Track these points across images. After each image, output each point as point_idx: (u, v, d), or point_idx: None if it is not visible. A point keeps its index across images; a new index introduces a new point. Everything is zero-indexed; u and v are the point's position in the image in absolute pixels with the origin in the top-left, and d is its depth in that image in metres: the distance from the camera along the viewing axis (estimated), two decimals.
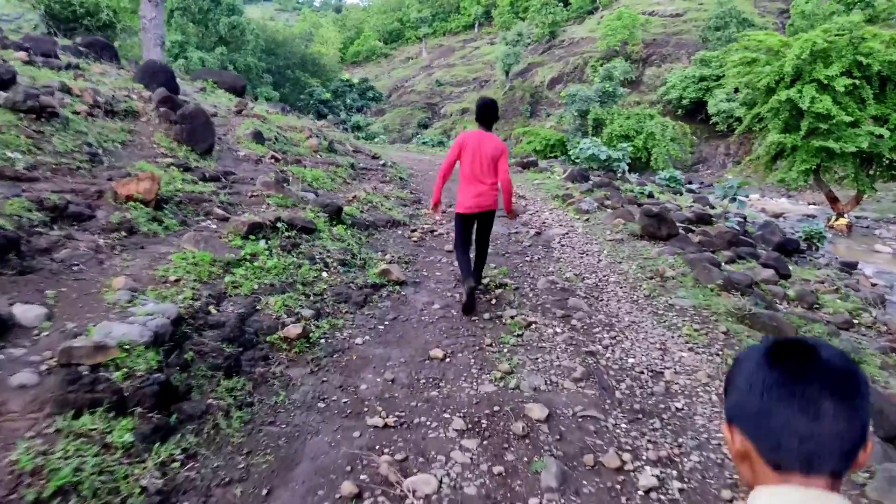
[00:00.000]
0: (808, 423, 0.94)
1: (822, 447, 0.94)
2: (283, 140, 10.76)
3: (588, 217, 9.82)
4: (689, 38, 49.03)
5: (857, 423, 0.95)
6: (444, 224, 9.11)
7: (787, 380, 0.98)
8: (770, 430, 0.97)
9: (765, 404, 0.98)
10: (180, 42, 34.71)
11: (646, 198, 12.74)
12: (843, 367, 0.98)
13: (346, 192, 9.35)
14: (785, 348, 1.02)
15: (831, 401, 0.95)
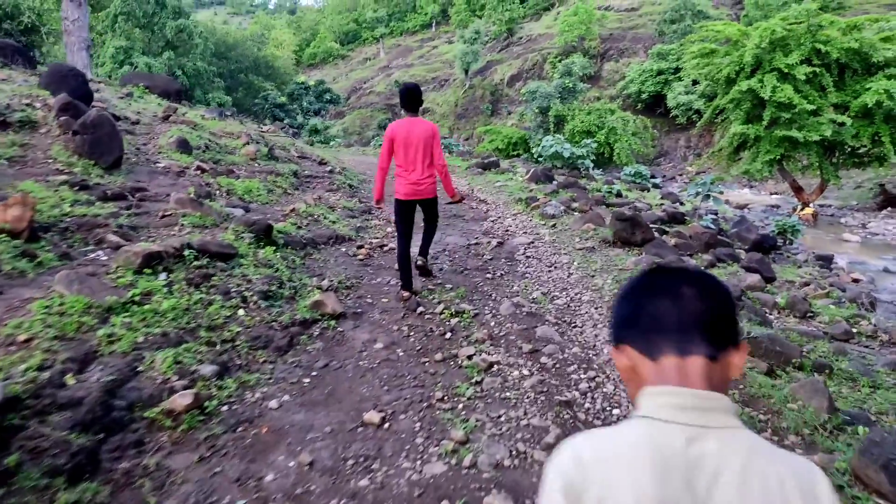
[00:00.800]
0: (672, 304, 1.01)
1: (688, 322, 0.99)
2: (215, 148, 9.60)
3: (555, 222, 8.88)
4: (645, 31, 48.78)
5: (718, 305, 1.01)
6: (395, 237, 8.08)
7: (653, 280, 1.07)
8: (642, 323, 1.03)
9: (635, 304, 1.05)
10: (125, 48, 33.02)
11: (614, 197, 11.88)
12: (702, 270, 1.08)
13: (285, 204, 8.25)
14: (655, 266, 1.10)
15: (691, 286, 1.02)
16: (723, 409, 0.95)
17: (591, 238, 8.01)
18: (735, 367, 1.01)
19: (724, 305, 1.02)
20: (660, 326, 1.00)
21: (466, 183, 13.06)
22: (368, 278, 6.27)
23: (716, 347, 0.98)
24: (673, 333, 0.99)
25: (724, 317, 1.01)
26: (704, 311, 0.99)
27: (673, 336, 0.99)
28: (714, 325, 0.99)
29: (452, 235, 8.24)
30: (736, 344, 1.01)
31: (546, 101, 34.52)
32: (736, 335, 1.02)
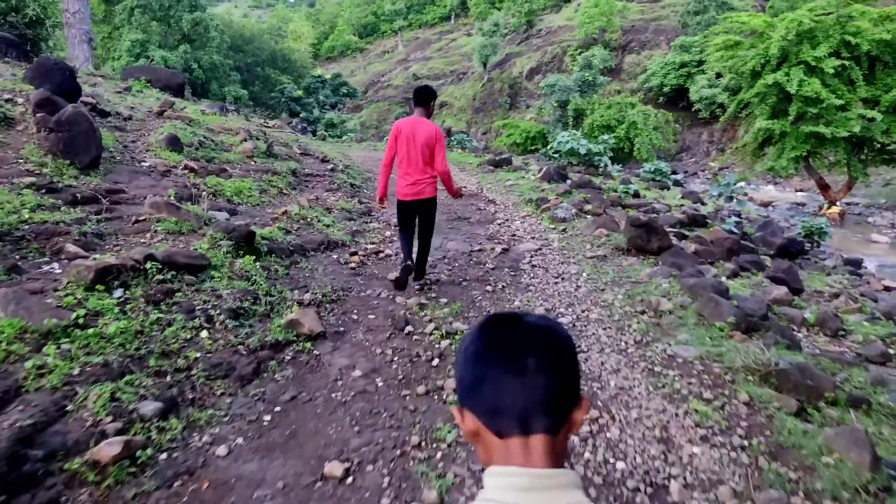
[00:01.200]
0: (515, 380, 0.94)
1: (532, 402, 0.94)
2: (210, 145, 9.14)
3: (565, 227, 8.30)
4: (667, 23, 47.76)
5: (561, 376, 0.96)
6: (393, 242, 7.56)
7: (495, 344, 0.98)
8: (485, 395, 0.96)
9: (479, 372, 0.97)
10: (141, 41, 32.77)
11: (631, 197, 11.25)
12: (545, 326, 1.00)
13: (278, 206, 7.77)
14: (495, 320, 1.02)
15: (534, 356, 0.95)
16: (566, 486, 0.93)
17: (604, 245, 7.42)
18: (576, 424, 1.00)
19: (569, 373, 0.99)
20: (504, 404, 0.95)
21: (476, 181, 12.50)
22: (357, 290, 5.76)
23: (559, 419, 0.96)
24: (517, 412, 0.95)
25: (568, 386, 0.98)
26: (549, 388, 0.95)
27: (517, 415, 0.95)
28: (558, 399, 0.96)
29: (455, 240, 7.70)
30: (577, 403, 0.99)
31: (565, 94, 33.81)
32: (577, 396, 0.99)
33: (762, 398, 3.87)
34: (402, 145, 5.40)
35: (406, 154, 5.40)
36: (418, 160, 5.40)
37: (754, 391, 3.94)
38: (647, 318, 5.18)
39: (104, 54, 34.87)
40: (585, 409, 1.00)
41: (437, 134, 5.44)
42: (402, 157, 5.43)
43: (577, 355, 1.01)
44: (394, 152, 5.49)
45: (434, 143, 5.40)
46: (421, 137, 5.35)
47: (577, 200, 9.48)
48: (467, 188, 11.57)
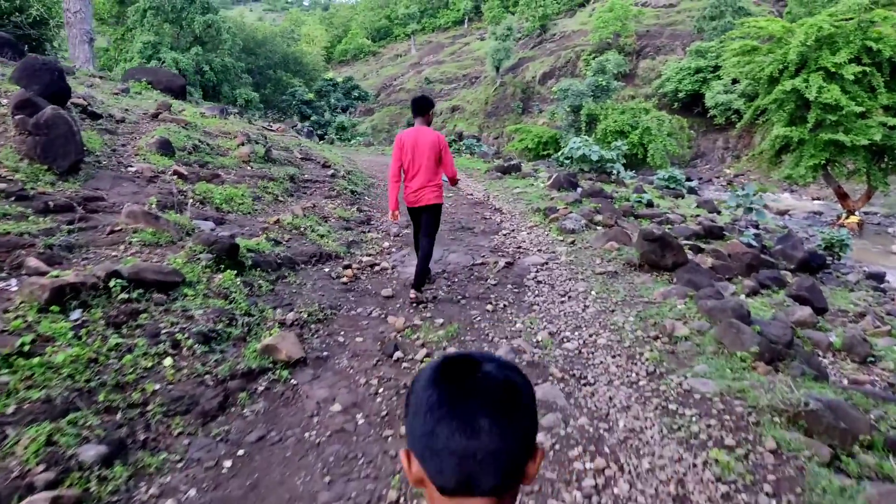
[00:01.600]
0: (466, 442, 0.87)
1: (480, 465, 0.88)
2: (204, 149, 8.77)
3: (574, 239, 7.83)
4: (683, 28, 47.16)
5: (517, 438, 0.90)
6: (391, 254, 7.15)
7: (448, 398, 0.90)
8: (434, 451, 0.90)
9: (429, 425, 0.90)
10: (153, 43, 32.65)
11: (644, 207, 10.76)
12: (503, 380, 0.93)
13: (271, 214, 7.37)
14: (450, 366, 0.94)
15: (487, 417, 0.88)
16: None
17: (615, 260, 6.95)
18: (529, 477, 0.95)
19: (525, 430, 0.92)
20: (451, 463, 0.88)
21: (483, 188, 12.05)
22: (347, 308, 5.33)
23: (508, 480, 0.90)
24: (464, 472, 0.88)
25: (523, 444, 0.91)
26: (501, 450, 0.88)
27: (464, 474, 0.88)
28: (510, 460, 0.90)
29: (457, 252, 7.27)
30: (532, 456, 0.94)
31: (578, 99, 33.30)
32: (532, 450, 0.94)
33: (791, 445, 3.40)
34: (406, 155, 5.50)
35: (412, 163, 5.51)
36: (424, 168, 5.50)
37: (782, 437, 3.47)
38: (660, 345, 4.71)
39: (116, 56, 34.78)
40: (540, 460, 0.97)
41: (441, 141, 5.58)
42: (409, 166, 5.53)
43: (534, 406, 0.96)
44: (400, 164, 5.56)
45: (440, 149, 5.54)
46: (425, 146, 5.47)
47: (588, 210, 9.00)
48: (472, 195, 11.15)
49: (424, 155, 5.46)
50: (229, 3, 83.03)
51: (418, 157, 5.47)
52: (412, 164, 5.50)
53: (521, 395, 0.93)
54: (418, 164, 5.48)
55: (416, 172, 5.51)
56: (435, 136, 5.54)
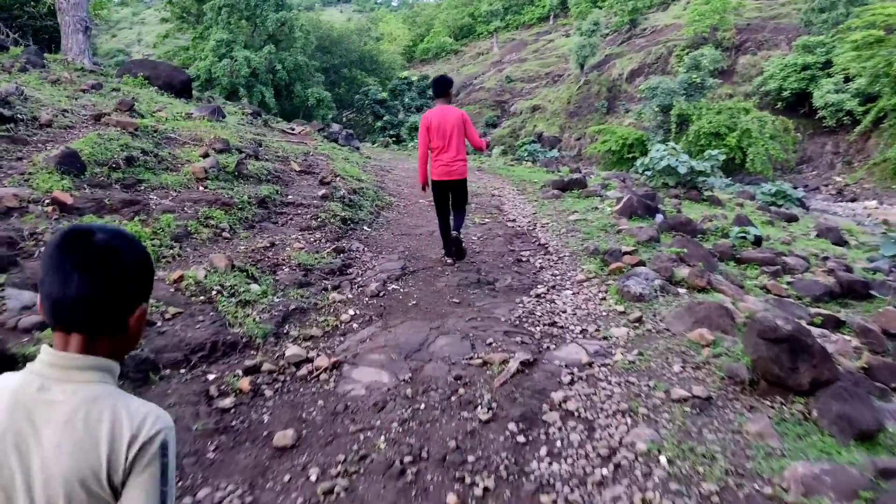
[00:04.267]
0: (59, 290, 1.10)
1: (69, 310, 1.11)
2: (144, 164, 6.45)
3: (641, 313, 4.88)
4: (788, 21, 42.12)
5: (106, 293, 1.12)
6: (348, 335, 4.52)
7: (56, 257, 1.11)
8: (42, 296, 1.14)
9: (42, 273, 1.13)
10: (227, 41, 31.50)
11: (750, 247, 7.59)
12: (103, 245, 1.13)
13: (182, 264, 4.91)
14: (67, 234, 1.13)
15: (78, 272, 1.10)
16: (85, 368, 1.13)
17: (706, 368, 3.99)
18: (132, 329, 1.20)
19: (117, 291, 1.14)
20: (48, 306, 1.12)
21: (532, 211, 9.18)
22: (193, 478, 2.75)
23: (99, 326, 1.14)
24: (59, 315, 1.12)
25: (114, 302, 1.14)
26: (88, 302, 1.11)
27: (60, 315, 1.12)
28: (98, 312, 1.13)
29: (451, 335, 4.51)
30: (132, 311, 1.18)
31: (668, 98, 29.55)
32: (132, 305, 1.18)
33: None
34: (433, 134, 5.84)
35: (438, 141, 5.84)
36: (450, 144, 5.84)
37: None
38: None
39: (194, 54, 33.90)
40: (139, 317, 1.20)
41: (464, 116, 5.95)
42: (435, 143, 5.87)
43: (137, 271, 1.18)
44: (427, 142, 5.93)
45: (463, 125, 5.90)
46: (450, 123, 5.81)
47: (667, 258, 6.01)
48: (514, 222, 8.37)
49: (452, 131, 5.81)
50: (321, 7, 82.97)
51: (446, 133, 5.81)
52: (441, 140, 5.82)
53: (119, 259, 1.14)
54: (447, 140, 5.82)
55: (446, 147, 5.85)
56: (459, 113, 5.92)
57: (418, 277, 5.84)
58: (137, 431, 1.11)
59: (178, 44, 36.59)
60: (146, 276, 1.22)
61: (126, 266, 1.15)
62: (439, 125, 5.80)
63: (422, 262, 6.34)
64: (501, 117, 46.49)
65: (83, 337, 1.13)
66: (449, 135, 5.80)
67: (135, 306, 1.18)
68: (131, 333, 1.21)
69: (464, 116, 5.93)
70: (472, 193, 10.69)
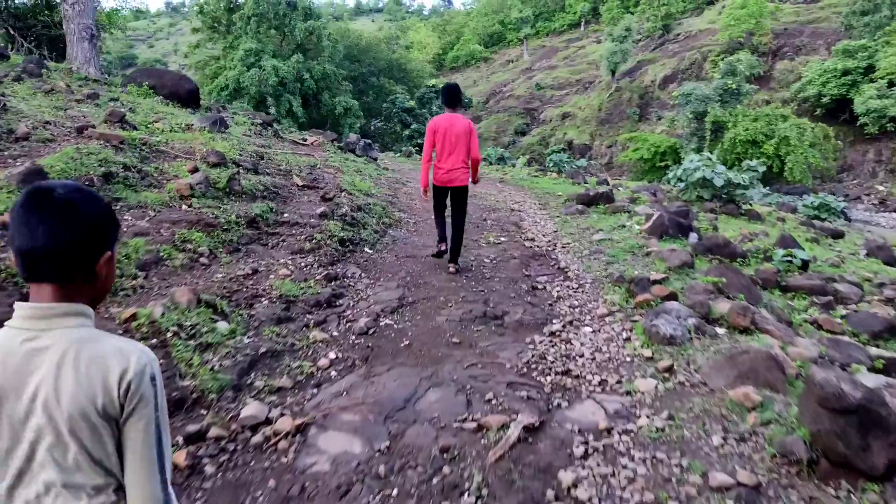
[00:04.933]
0: (27, 243, 1.17)
1: (39, 260, 1.18)
2: (126, 179, 5.88)
3: (673, 361, 4.08)
4: (827, 26, 40.61)
5: (70, 243, 1.18)
6: (323, 386, 3.83)
7: (21, 213, 1.18)
8: (13, 250, 1.21)
9: (12, 232, 1.19)
10: (256, 50, 31.31)
11: (797, 273, 6.69)
12: (63, 199, 1.19)
13: (143, 298, 4.29)
14: (30, 193, 1.20)
15: (42, 224, 1.16)
16: (62, 315, 1.20)
17: (753, 442, 3.18)
18: (101, 274, 1.27)
19: (81, 241, 1.20)
20: (24, 257, 1.19)
21: (552, 230, 8.39)
22: None
23: (68, 273, 1.21)
24: (30, 265, 1.19)
25: (79, 251, 1.20)
26: (55, 252, 1.17)
27: (30, 265, 1.19)
28: (65, 261, 1.19)
29: (445, 387, 3.78)
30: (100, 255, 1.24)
31: (703, 104, 28.43)
32: (97, 253, 1.24)
33: None
34: (440, 139, 5.89)
35: (443, 146, 5.88)
36: (454, 151, 5.88)
37: None
38: None
39: (224, 64, 33.80)
40: (105, 263, 1.26)
41: (470, 126, 5.98)
42: (439, 149, 5.91)
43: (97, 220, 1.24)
44: (432, 147, 5.95)
45: (468, 133, 5.92)
46: (457, 131, 5.86)
47: (702, 289, 5.20)
48: (533, 241, 7.61)
49: (457, 139, 5.84)
50: (353, 16, 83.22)
51: (452, 140, 5.83)
52: (446, 146, 5.85)
53: (80, 209, 1.20)
54: (452, 147, 5.85)
55: (450, 154, 5.86)
56: (467, 122, 5.95)
57: (416, 310, 5.12)
58: (126, 365, 1.19)
59: (211, 54, 36.59)
60: (109, 225, 1.28)
61: (88, 215, 1.21)
62: (446, 131, 5.84)
63: (423, 290, 5.63)
64: (531, 125, 45.65)
65: (55, 286, 1.20)
66: (454, 142, 5.83)
67: (100, 253, 1.24)
68: (101, 280, 1.28)
69: (470, 126, 5.97)
70: (490, 208, 9.96)
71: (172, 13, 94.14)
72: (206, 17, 34.93)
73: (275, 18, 32.56)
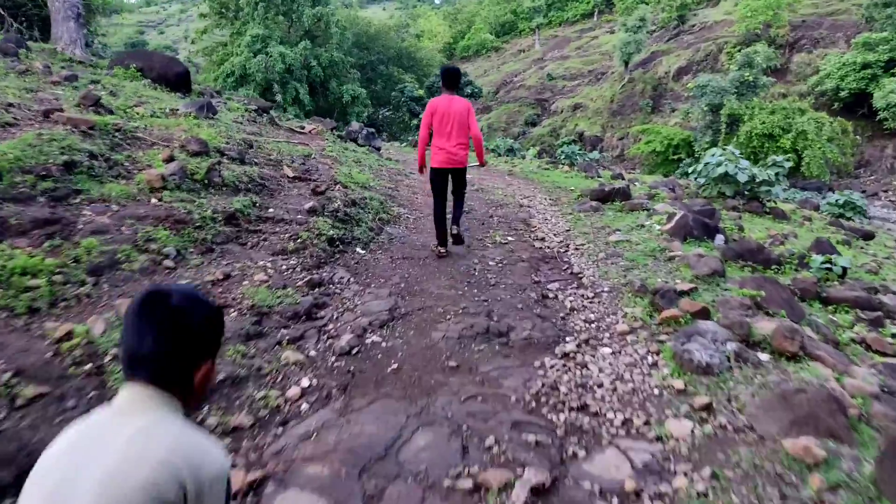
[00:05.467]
0: (137, 346, 1.22)
1: (140, 361, 1.22)
2: (88, 171, 5.22)
3: (710, 398, 3.39)
4: (847, 18, 39.35)
5: (173, 350, 1.24)
6: (291, 425, 3.16)
7: (135, 314, 1.24)
8: (122, 349, 1.26)
9: (123, 331, 1.25)
10: (263, 36, 30.55)
11: (837, 281, 5.95)
12: (174, 307, 1.24)
13: (89, 309, 3.64)
14: (148, 293, 1.27)
15: (153, 331, 1.22)
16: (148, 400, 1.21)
17: None
18: (198, 383, 1.30)
19: (183, 349, 1.25)
20: (129, 358, 1.23)
21: (565, 229, 7.66)
22: None
23: (166, 378, 1.24)
24: (130, 365, 1.23)
25: (180, 359, 1.25)
26: (156, 357, 1.22)
27: (129, 367, 1.23)
28: (164, 366, 1.23)
29: (436, 427, 3.10)
30: (197, 366, 1.28)
31: (718, 96, 27.48)
32: (195, 360, 1.28)
33: None
34: (437, 121, 5.81)
35: (442, 128, 5.80)
36: (453, 132, 5.80)
37: None
38: None
39: (231, 50, 33.09)
40: (206, 372, 1.30)
41: (468, 106, 5.89)
42: (438, 130, 5.83)
43: (203, 331, 1.29)
44: (429, 128, 5.89)
45: (466, 113, 5.83)
46: (456, 112, 5.78)
47: (738, 304, 4.49)
48: (544, 242, 6.92)
49: (456, 119, 5.77)
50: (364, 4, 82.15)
51: (451, 120, 5.77)
52: (445, 126, 5.79)
53: (188, 319, 1.25)
54: (451, 127, 5.79)
55: (449, 134, 5.81)
56: (466, 103, 5.91)
57: (410, 323, 4.44)
58: (201, 462, 1.17)
59: (218, 40, 35.88)
60: (213, 335, 1.33)
61: (194, 326, 1.27)
62: (445, 112, 5.78)
63: (419, 298, 4.94)
64: (542, 116, 44.68)
65: (152, 387, 1.22)
66: (452, 122, 5.77)
67: (200, 363, 1.29)
68: (197, 389, 1.30)
69: (469, 106, 5.91)
70: (497, 203, 9.26)
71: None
72: (214, 2, 34.17)
73: (282, 4, 31.79)
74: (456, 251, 6.33)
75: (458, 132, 5.79)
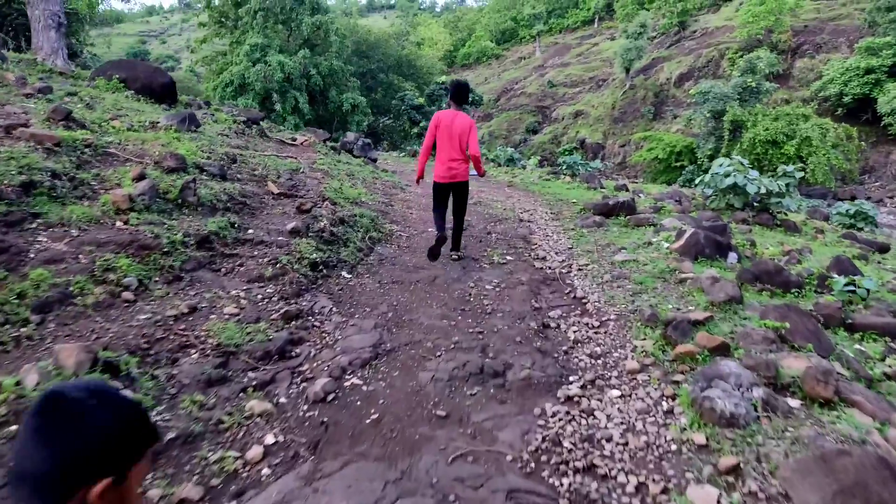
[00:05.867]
0: (20, 461, 1.01)
1: (23, 481, 1.00)
2: (49, 189, 4.77)
3: (738, 457, 2.93)
4: (849, 22, 39.02)
5: (55, 466, 0.99)
6: (250, 496, 2.68)
7: (26, 422, 1.03)
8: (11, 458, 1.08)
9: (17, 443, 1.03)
10: (262, 45, 30.23)
11: (861, 304, 5.46)
12: (70, 414, 1.01)
13: (28, 354, 3.18)
14: (44, 396, 1.04)
15: (35, 447, 1.00)
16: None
17: None
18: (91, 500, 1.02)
19: (67, 464, 1.00)
20: (14, 474, 1.01)
21: (566, 246, 7.19)
22: None
23: (49, 500, 1.00)
24: (12, 484, 1.01)
25: (64, 475, 1.00)
26: (40, 478, 0.99)
27: (11, 487, 1.01)
28: (44, 485, 0.99)
29: (418, 498, 2.65)
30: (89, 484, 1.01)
31: (721, 103, 27.05)
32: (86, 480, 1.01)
33: None
34: (440, 135, 5.86)
35: (444, 142, 5.85)
36: (455, 147, 5.84)
37: None
38: None
39: (231, 59, 32.78)
40: (99, 490, 1.01)
41: (471, 124, 5.88)
42: (441, 144, 5.88)
43: (103, 441, 1.02)
44: (432, 140, 5.94)
45: (468, 130, 5.82)
46: (458, 128, 5.81)
47: (761, 337, 4.02)
48: (544, 261, 6.46)
49: (458, 134, 5.79)
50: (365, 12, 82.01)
51: (453, 135, 5.79)
52: (447, 141, 5.81)
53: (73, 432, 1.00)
54: (451, 144, 5.82)
55: (449, 150, 5.84)
56: (469, 121, 5.87)
57: (395, 362, 3.97)
58: None
59: (218, 49, 35.61)
60: (118, 446, 1.05)
61: (88, 437, 1.02)
62: (448, 126, 5.81)
63: (407, 330, 4.47)
64: (543, 123, 44.28)
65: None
66: (455, 137, 5.80)
67: (92, 482, 1.01)
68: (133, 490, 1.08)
69: (471, 124, 5.89)
70: (496, 218, 8.79)
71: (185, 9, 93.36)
72: (213, 11, 33.89)
73: (281, 13, 31.49)
74: (452, 275, 5.87)
75: (459, 147, 5.84)
